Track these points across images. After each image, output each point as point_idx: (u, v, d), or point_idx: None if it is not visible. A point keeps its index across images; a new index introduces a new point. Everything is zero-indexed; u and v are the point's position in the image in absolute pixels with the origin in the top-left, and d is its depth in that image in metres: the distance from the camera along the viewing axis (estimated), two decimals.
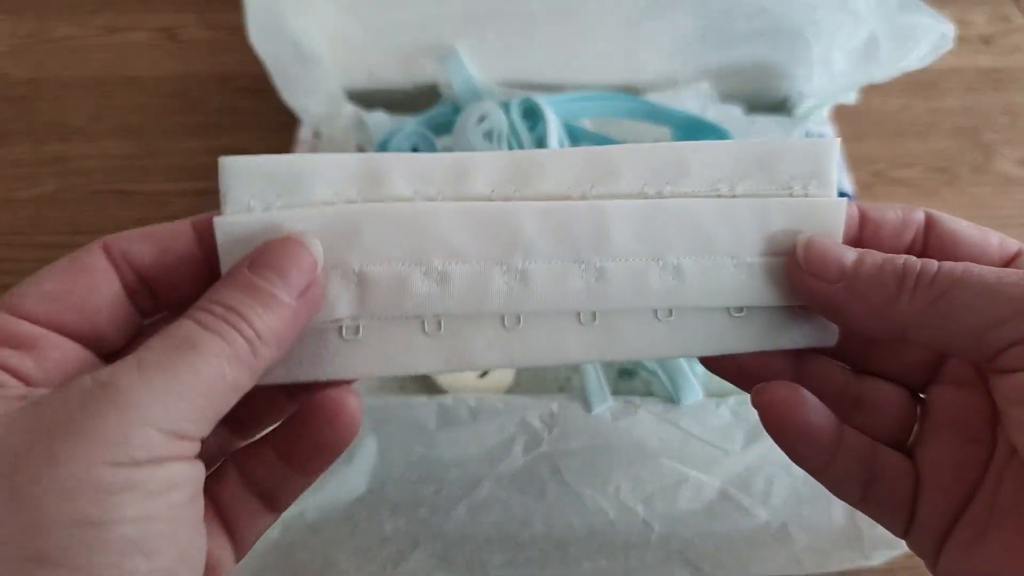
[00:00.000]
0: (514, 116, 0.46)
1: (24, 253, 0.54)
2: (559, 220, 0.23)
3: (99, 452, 0.16)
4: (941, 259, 0.22)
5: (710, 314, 0.24)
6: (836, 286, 0.22)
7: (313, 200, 0.22)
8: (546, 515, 0.39)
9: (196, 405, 0.18)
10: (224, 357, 0.19)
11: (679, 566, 0.40)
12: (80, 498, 0.16)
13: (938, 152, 0.61)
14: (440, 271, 0.22)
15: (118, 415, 0.17)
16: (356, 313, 0.22)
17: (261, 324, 0.20)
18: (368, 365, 0.23)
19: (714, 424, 0.38)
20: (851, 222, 0.24)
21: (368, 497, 0.39)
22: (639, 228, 0.23)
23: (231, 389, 0.19)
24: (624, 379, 0.41)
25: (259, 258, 0.21)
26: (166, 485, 0.17)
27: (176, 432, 0.18)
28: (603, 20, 0.51)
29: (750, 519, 0.39)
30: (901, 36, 0.43)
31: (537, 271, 0.23)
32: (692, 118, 0.48)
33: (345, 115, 0.51)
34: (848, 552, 0.39)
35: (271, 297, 0.20)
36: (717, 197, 0.24)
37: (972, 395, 0.22)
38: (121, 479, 0.16)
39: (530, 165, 0.23)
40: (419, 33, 0.51)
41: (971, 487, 0.22)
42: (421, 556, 0.39)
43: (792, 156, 0.24)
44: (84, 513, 0.16)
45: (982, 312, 0.20)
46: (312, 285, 0.21)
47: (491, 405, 0.37)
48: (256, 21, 0.44)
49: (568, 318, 0.23)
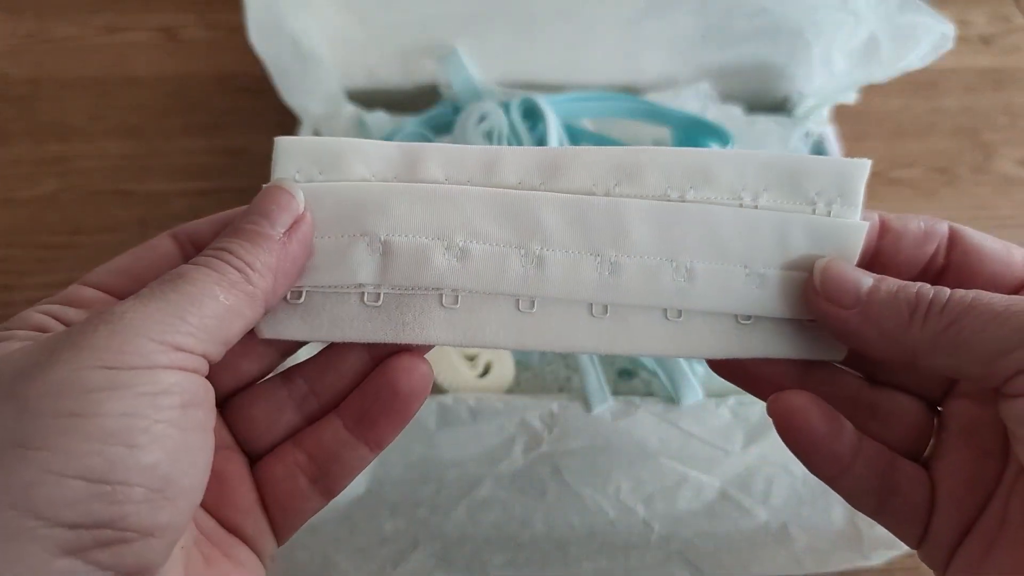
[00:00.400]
0: (514, 116, 0.46)
1: (24, 253, 0.54)
2: (578, 212, 0.24)
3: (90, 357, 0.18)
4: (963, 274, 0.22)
5: (718, 319, 0.24)
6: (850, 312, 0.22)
7: (351, 177, 0.24)
8: (546, 515, 0.39)
9: (193, 322, 0.19)
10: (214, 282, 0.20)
11: (679, 566, 0.40)
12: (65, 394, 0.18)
13: (938, 152, 0.61)
14: (461, 247, 0.24)
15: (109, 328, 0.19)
16: (378, 281, 0.24)
17: (250, 256, 0.21)
18: (385, 332, 0.24)
19: (714, 424, 0.38)
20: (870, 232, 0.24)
21: (367, 497, 0.39)
22: (656, 228, 0.24)
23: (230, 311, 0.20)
24: (624, 379, 0.41)
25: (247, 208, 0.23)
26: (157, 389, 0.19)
27: (173, 344, 0.19)
28: (603, 20, 0.51)
29: (750, 519, 0.39)
30: (901, 36, 0.43)
31: (553, 258, 0.24)
32: (692, 118, 0.48)
33: (345, 115, 0.51)
34: (848, 552, 0.39)
35: (256, 234, 0.22)
36: (739, 206, 0.24)
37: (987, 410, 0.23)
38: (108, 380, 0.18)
39: (558, 160, 0.24)
40: (419, 33, 0.51)
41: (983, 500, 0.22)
42: (420, 556, 0.39)
43: (820, 173, 0.24)
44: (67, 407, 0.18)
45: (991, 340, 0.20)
46: (299, 222, 0.23)
47: (491, 405, 0.37)
48: (256, 21, 0.44)
49: (580, 308, 0.24)
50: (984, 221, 0.57)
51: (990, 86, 0.66)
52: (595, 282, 0.24)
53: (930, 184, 0.59)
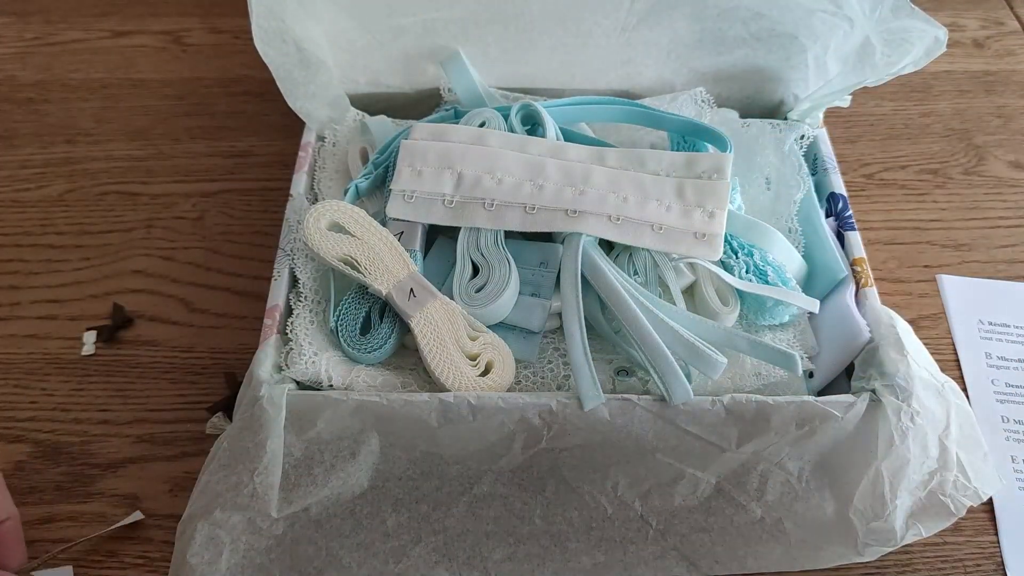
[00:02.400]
0: (513, 121, 0.47)
1: (32, 254, 0.55)
2: (567, 167, 0.45)
3: None
4: None
5: (639, 224, 0.43)
6: None
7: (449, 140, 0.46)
8: (545, 510, 0.40)
9: None
10: None
11: (675, 561, 0.40)
12: None
13: (930, 154, 0.62)
14: (499, 178, 0.45)
15: None
16: (453, 193, 0.45)
17: None
18: (455, 219, 0.44)
19: (710, 421, 0.38)
20: None
21: (370, 493, 0.40)
22: (608, 178, 0.45)
23: None
24: (622, 377, 0.42)
25: None
26: None
27: None
28: (600, 26, 0.51)
29: (745, 515, 0.40)
30: (895, 40, 0.44)
31: (548, 186, 0.45)
32: (689, 122, 0.48)
33: (349, 119, 0.52)
34: (841, 548, 0.40)
35: None
36: (655, 175, 0.45)
37: None
38: None
39: (562, 148, 0.47)
40: (420, 38, 0.52)
41: None
42: (423, 551, 0.40)
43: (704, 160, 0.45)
44: None
45: None
46: None
47: (492, 403, 0.38)
48: (261, 27, 0.45)
49: (560, 213, 0.44)
50: (976, 223, 0.57)
51: (982, 89, 0.67)
52: (571, 199, 0.44)
53: (922, 186, 0.60)
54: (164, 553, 0.42)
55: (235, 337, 0.50)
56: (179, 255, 0.55)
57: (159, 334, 0.51)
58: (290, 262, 0.44)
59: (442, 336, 0.40)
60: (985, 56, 0.70)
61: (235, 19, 0.73)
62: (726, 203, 0.44)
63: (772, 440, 0.39)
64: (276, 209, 0.56)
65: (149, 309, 0.52)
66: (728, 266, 0.44)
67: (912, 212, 0.58)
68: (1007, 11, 0.74)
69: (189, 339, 0.50)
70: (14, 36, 0.71)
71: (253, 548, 0.39)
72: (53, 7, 0.73)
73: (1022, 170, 0.61)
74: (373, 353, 0.41)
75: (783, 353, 0.40)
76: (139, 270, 0.54)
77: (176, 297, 0.53)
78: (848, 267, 0.45)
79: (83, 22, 0.72)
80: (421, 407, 0.38)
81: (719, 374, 0.39)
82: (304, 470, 0.39)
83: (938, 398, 0.40)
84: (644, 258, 0.43)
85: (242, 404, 0.39)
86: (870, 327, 0.42)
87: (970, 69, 0.68)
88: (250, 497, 0.38)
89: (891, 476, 0.39)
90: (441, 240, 0.46)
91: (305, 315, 0.42)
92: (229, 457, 0.38)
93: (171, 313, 0.52)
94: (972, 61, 0.69)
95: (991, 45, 0.71)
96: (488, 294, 0.42)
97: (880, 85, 0.48)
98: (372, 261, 0.41)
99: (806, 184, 0.48)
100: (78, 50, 0.70)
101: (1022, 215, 0.58)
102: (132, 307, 0.52)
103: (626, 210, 0.43)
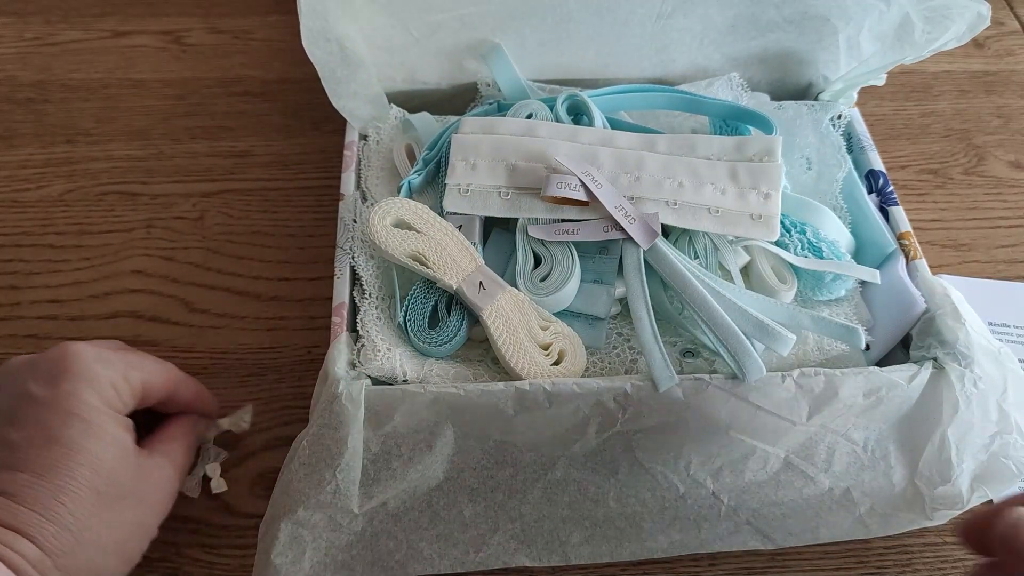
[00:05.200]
0: (560, 112, 0.48)
1: (32, 254, 0.55)
2: (618, 155, 0.46)
3: None
4: None
5: (696, 208, 0.44)
6: None
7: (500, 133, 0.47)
8: (619, 492, 0.40)
9: None
10: None
11: (750, 535, 0.41)
12: None
13: (930, 154, 0.62)
14: (552, 167, 0.45)
15: None
16: (509, 185, 0.45)
17: None
18: (513, 211, 0.45)
19: (781, 397, 0.39)
20: None
21: (446, 484, 0.40)
22: (661, 164, 0.45)
23: None
24: (688, 358, 0.42)
25: None
26: None
27: None
28: (636, 14, 0.52)
29: (814, 486, 0.41)
30: (936, 17, 0.45)
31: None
32: (732, 107, 0.49)
33: (391, 116, 0.52)
34: (910, 514, 0.41)
35: None
36: (707, 159, 0.46)
37: None
38: None
39: (611, 136, 0.47)
40: (457, 33, 0.52)
41: None
42: (501, 539, 0.40)
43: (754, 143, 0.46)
44: None
45: None
46: None
47: (567, 389, 0.38)
48: (308, 28, 0.45)
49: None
50: (976, 223, 0.58)
51: (982, 89, 0.67)
52: (627, 186, 0.45)
53: (922, 186, 0.60)
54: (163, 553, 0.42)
55: (235, 337, 0.50)
56: (179, 255, 0.55)
57: (159, 334, 0.50)
58: (351, 260, 0.44)
59: (514, 327, 0.40)
60: (985, 56, 0.70)
61: (235, 19, 0.72)
62: (779, 184, 0.44)
63: (840, 412, 0.40)
64: (276, 209, 0.56)
65: (149, 309, 0.52)
66: (783, 244, 0.45)
67: (912, 212, 0.58)
68: (1007, 11, 0.74)
69: (189, 339, 0.50)
70: (14, 36, 0.69)
71: (335, 545, 0.39)
72: (53, 7, 0.72)
73: (1022, 170, 0.61)
74: (444, 346, 0.41)
75: (846, 327, 0.40)
76: (139, 270, 0.54)
77: (176, 297, 0.52)
78: (895, 241, 0.46)
79: (83, 22, 0.71)
80: (497, 396, 0.38)
81: (788, 350, 0.40)
82: (383, 464, 0.39)
83: (996, 364, 0.41)
84: (704, 241, 0.44)
85: (319, 402, 0.39)
86: (924, 297, 0.43)
87: (970, 69, 0.69)
88: (332, 494, 0.38)
89: (957, 441, 0.40)
90: (497, 232, 0.46)
91: (372, 312, 0.42)
92: (310, 455, 0.38)
93: (171, 313, 0.51)
94: (972, 61, 0.69)
95: (991, 45, 0.71)
96: (553, 283, 0.42)
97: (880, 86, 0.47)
98: (440, 256, 0.41)
99: (847, 163, 0.49)
100: (78, 50, 0.69)
101: (1022, 215, 0.58)
102: (132, 307, 0.52)
103: (683, 195, 0.44)
